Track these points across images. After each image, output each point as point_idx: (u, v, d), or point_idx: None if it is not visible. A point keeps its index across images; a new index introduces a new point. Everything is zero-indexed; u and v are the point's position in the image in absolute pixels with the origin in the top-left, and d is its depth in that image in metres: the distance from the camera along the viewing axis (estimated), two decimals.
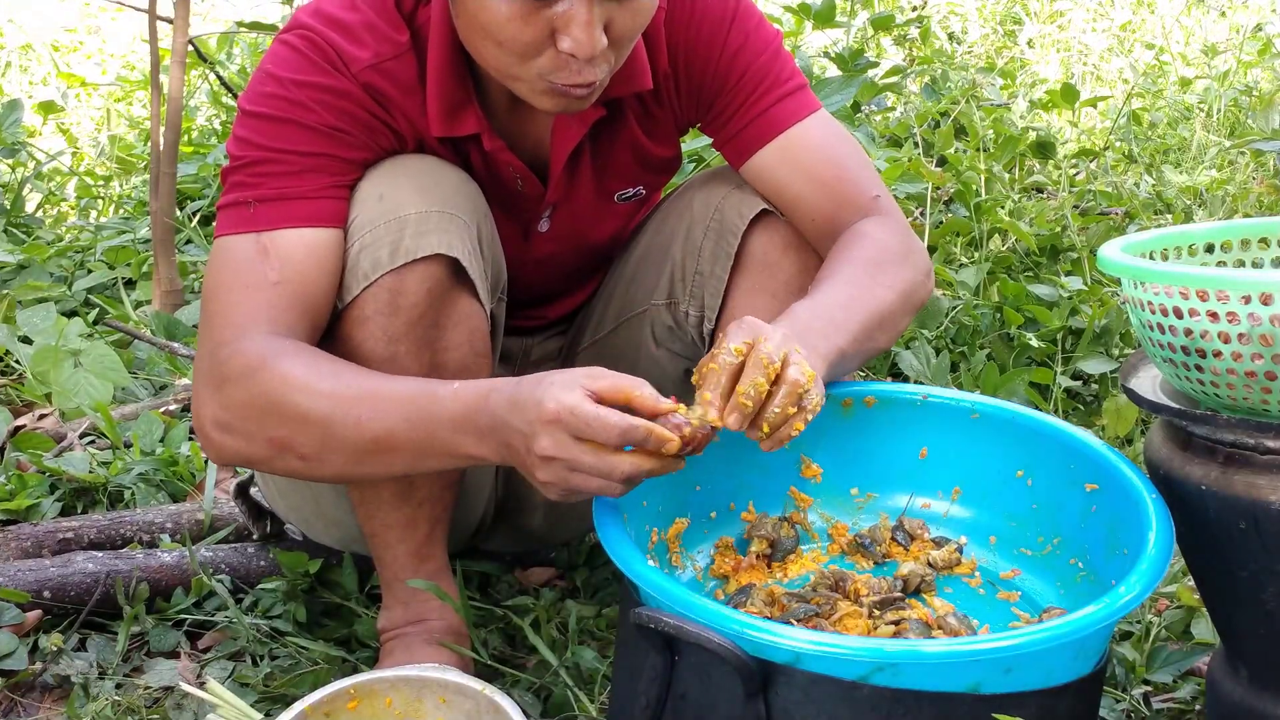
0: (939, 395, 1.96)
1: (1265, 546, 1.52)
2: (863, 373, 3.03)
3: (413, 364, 1.82)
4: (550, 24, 1.70)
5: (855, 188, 2.00)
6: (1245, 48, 6.83)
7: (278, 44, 1.86)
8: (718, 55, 1.98)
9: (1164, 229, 1.83)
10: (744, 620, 1.44)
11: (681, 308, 2.12)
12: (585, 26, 1.69)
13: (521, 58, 1.74)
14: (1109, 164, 4.81)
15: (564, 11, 1.69)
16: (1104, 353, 3.12)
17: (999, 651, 1.43)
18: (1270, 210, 4.20)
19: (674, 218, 2.13)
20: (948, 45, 6.47)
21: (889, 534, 1.94)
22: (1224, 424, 1.54)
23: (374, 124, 1.85)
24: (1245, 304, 1.46)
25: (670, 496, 1.84)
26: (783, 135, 1.99)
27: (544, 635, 2.10)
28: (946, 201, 3.78)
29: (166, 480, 2.70)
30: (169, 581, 2.26)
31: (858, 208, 1.98)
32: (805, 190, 1.99)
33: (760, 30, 2.00)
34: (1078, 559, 1.81)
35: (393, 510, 1.94)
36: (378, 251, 1.79)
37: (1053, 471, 1.85)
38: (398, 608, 2.01)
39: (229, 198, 1.82)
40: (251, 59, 5.35)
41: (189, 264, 3.88)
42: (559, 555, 2.41)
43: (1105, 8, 7.75)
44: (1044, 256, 3.66)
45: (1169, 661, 2.00)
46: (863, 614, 1.73)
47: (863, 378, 2.94)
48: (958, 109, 4.42)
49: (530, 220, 2.07)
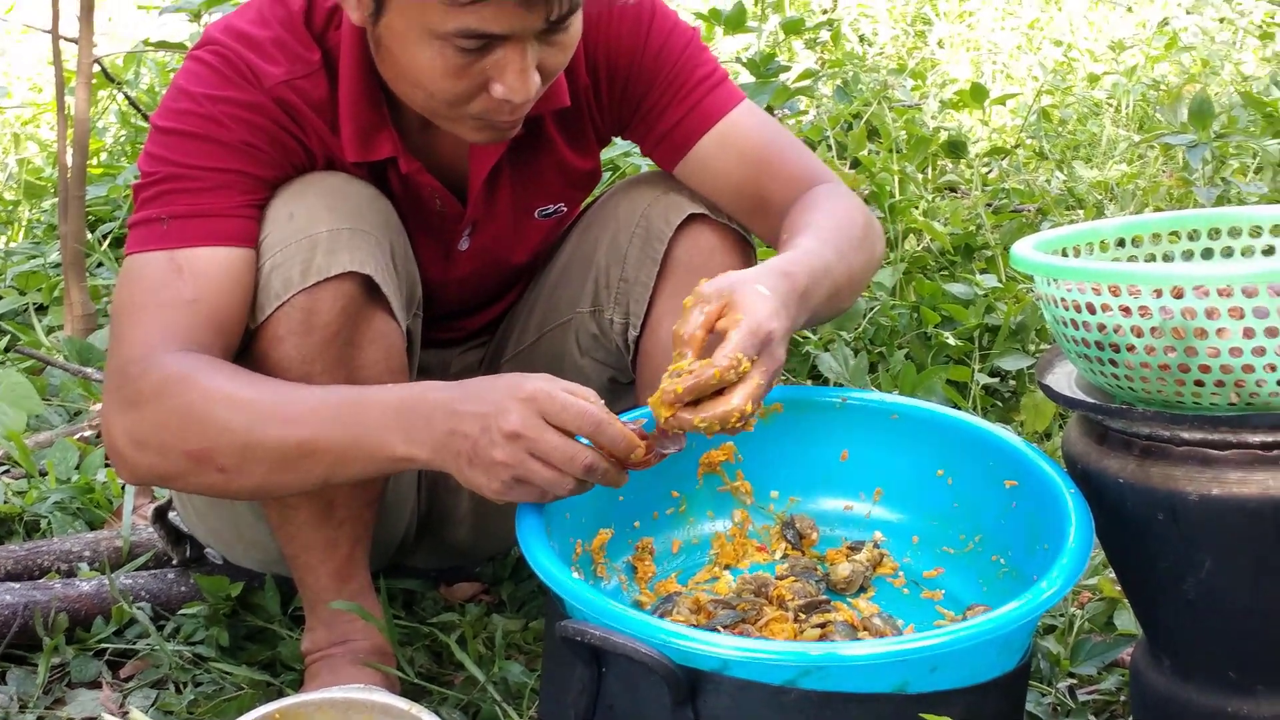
0: (858, 397, 1.97)
1: (1183, 537, 1.54)
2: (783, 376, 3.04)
3: (327, 383, 1.80)
4: (484, 74, 1.71)
5: (797, 166, 2.01)
6: (1152, 43, 6.91)
7: (190, 60, 1.85)
8: (640, 57, 1.98)
9: (1075, 225, 1.84)
10: (670, 629, 1.45)
11: (606, 315, 2.11)
12: (520, 74, 1.70)
13: (452, 105, 1.74)
14: (1020, 161, 4.84)
15: (498, 60, 1.69)
16: (1020, 349, 3.14)
17: (924, 651, 1.44)
18: (1180, 203, 4.25)
19: (598, 225, 2.13)
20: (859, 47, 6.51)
21: (780, 534, 1.95)
22: (1139, 417, 1.56)
23: (286, 140, 1.84)
24: (1157, 297, 1.48)
25: (593, 508, 1.83)
26: (718, 125, 2.00)
27: (470, 651, 2.09)
28: None
29: (83, 508, 2.66)
30: (89, 611, 2.22)
31: (800, 182, 1.99)
32: (747, 175, 1.99)
33: (678, 28, 2.01)
34: (999, 555, 1.82)
35: (313, 531, 1.92)
36: (289, 270, 1.78)
37: (973, 470, 1.86)
38: (321, 629, 1.99)
39: (141, 215, 1.80)
40: (160, 78, 5.29)
41: (101, 287, 3.83)
42: (484, 570, 2.40)
43: (1013, 6, 7.82)
44: (959, 255, 3.68)
45: (1093, 654, 2.02)
46: (788, 618, 1.74)
47: (783, 381, 2.94)
48: (870, 111, 4.44)
49: (451, 239, 2.06)
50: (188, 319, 1.75)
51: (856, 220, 1.92)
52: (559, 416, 1.54)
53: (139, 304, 1.77)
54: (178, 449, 1.70)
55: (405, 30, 1.69)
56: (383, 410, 1.64)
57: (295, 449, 1.66)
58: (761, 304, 1.60)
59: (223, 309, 1.77)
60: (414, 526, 2.18)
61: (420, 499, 2.17)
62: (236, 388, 1.69)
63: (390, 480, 2.03)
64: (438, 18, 1.65)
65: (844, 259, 1.83)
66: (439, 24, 1.65)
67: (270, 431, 1.66)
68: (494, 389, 1.58)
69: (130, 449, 1.73)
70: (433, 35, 1.67)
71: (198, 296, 1.75)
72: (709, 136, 2.00)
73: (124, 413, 1.72)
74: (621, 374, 2.17)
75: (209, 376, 1.70)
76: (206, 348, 1.75)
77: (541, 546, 1.59)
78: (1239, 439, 1.50)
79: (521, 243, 2.13)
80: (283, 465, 1.68)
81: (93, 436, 3.00)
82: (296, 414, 1.66)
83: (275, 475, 1.70)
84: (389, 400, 1.65)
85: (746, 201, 2.01)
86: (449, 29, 1.65)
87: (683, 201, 2.03)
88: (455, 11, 1.63)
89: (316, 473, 1.69)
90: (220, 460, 1.69)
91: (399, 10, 1.69)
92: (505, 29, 1.66)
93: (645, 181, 2.10)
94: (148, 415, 1.70)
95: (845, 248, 1.85)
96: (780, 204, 1.97)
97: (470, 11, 1.63)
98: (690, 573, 1.93)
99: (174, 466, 1.72)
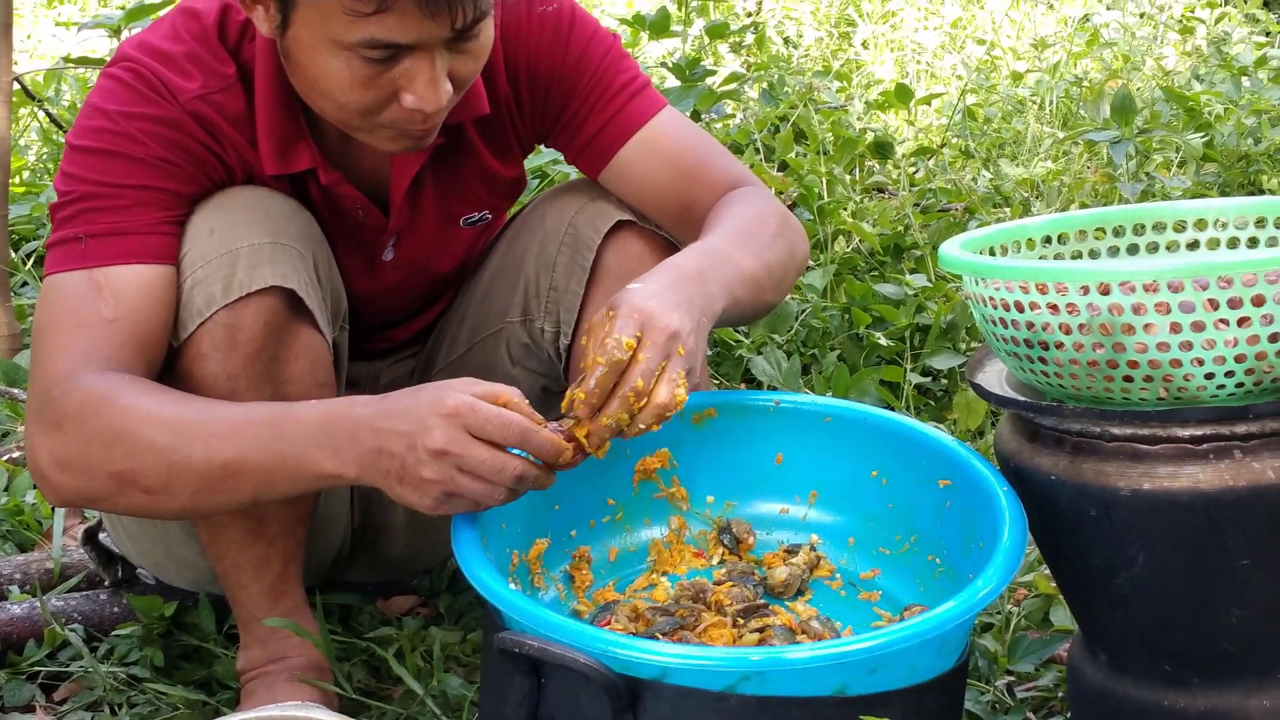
0: (791, 400, 1.97)
1: (1116, 533, 1.55)
2: (716, 380, 3.04)
3: (254, 399, 1.78)
4: (393, 83, 1.70)
5: (719, 171, 2.02)
6: (1074, 39, 6.97)
7: (103, 78, 1.83)
8: (560, 64, 1.98)
9: (1002, 223, 1.85)
10: (608, 638, 1.44)
11: (537, 324, 2.11)
12: (430, 83, 1.69)
13: (363, 115, 1.74)
14: (947, 161, 4.87)
15: (406, 70, 1.68)
16: (952, 348, 3.16)
17: (863, 653, 1.44)
18: (1105, 199, 4.28)
19: (526, 234, 2.12)
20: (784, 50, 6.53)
21: (717, 539, 1.95)
22: (1070, 414, 1.56)
23: (203, 155, 1.82)
24: (1084, 294, 1.49)
25: (529, 518, 1.82)
26: (640, 131, 2.00)
27: (408, 665, 2.07)
28: (790, 206, 3.81)
29: (13, 530, 2.63)
30: (20, 634, 2.19)
31: (724, 188, 2.00)
32: (672, 181, 2.00)
33: (599, 35, 2.00)
34: (935, 555, 1.82)
35: (244, 549, 1.91)
36: (211, 287, 1.76)
37: (906, 470, 1.87)
38: (256, 647, 1.97)
39: (59, 234, 1.78)
40: (80, 95, 5.24)
41: (26, 307, 3.78)
42: (420, 583, 2.39)
43: (936, 6, 7.88)
44: (888, 256, 3.70)
45: (1030, 651, 2.03)
46: (727, 624, 1.73)
47: (716, 386, 2.94)
48: (796, 113, 4.46)
49: (375, 250, 2.04)
50: (109, 338, 1.73)
51: (768, 219, 1.92)
52: (484, 429, 1.53)
53: (59, 324, 1.75)
54: (102, 470, 1.68)
55: (312, 42, 1.68)
56: (306, 428, 1.62)
57: (221, 468, 1.64)
58: (633, 294, 1.63)
59: (144, 327, 1.75)
60: (348, 541, 2.17)
61: (354, 513, 2.16)
62: (159, 406, 1.67)
63: (323, 495, 2.01)
64: (342, 29, 1.64)
65: (754, 247, 1.84)
66: (343, 35, 1.64)
67: (195, 451, 1.64)
68: (416, 405, 1.56)
69: (54, 471, 1.71)
70: (339, 46, 1.66)
71: (118, 315, 1.74)
72: (631, 144, 2.00)
73: (47, 435, 1.70)
74: (554, 382, 2.16)
75: (130, 396, 1.68)
76: (129, 367, 1.73)
77: (477, 558, 1.58)
78: (1168, 433, 1.51)
79: (447, 251, 2.12)
80: (209, 485, 1.66)
81: (20, 458, 2.96)
82: (220, 432, 1.65)
83: (202, 495, 1.68)
84: (312, 417, 1.63)
85: (671, 208, 2.01)
86: (354, 39, 1.64)
87: (610, 209, 2.03)
88: (359, 22, 1.62)
89: (244, 491, 1.67)
90: (145, 481, 1.67)
91: (304, 22, 1.67)
92: (411, 38, 1.65)
93: (572, 189, 2.10)
94: (70, 437, 1.68)
95: (757, 239, 1.86)
96: (704, 209, 1.97)
97: (373, 21, 1.62)
98: (628, 580, 1.92)
99: (99, 488, 1.70)
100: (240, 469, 1.64)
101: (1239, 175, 4.56)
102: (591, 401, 1.58)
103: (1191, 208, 1.84)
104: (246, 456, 1.64)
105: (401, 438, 1.55)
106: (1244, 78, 5.49)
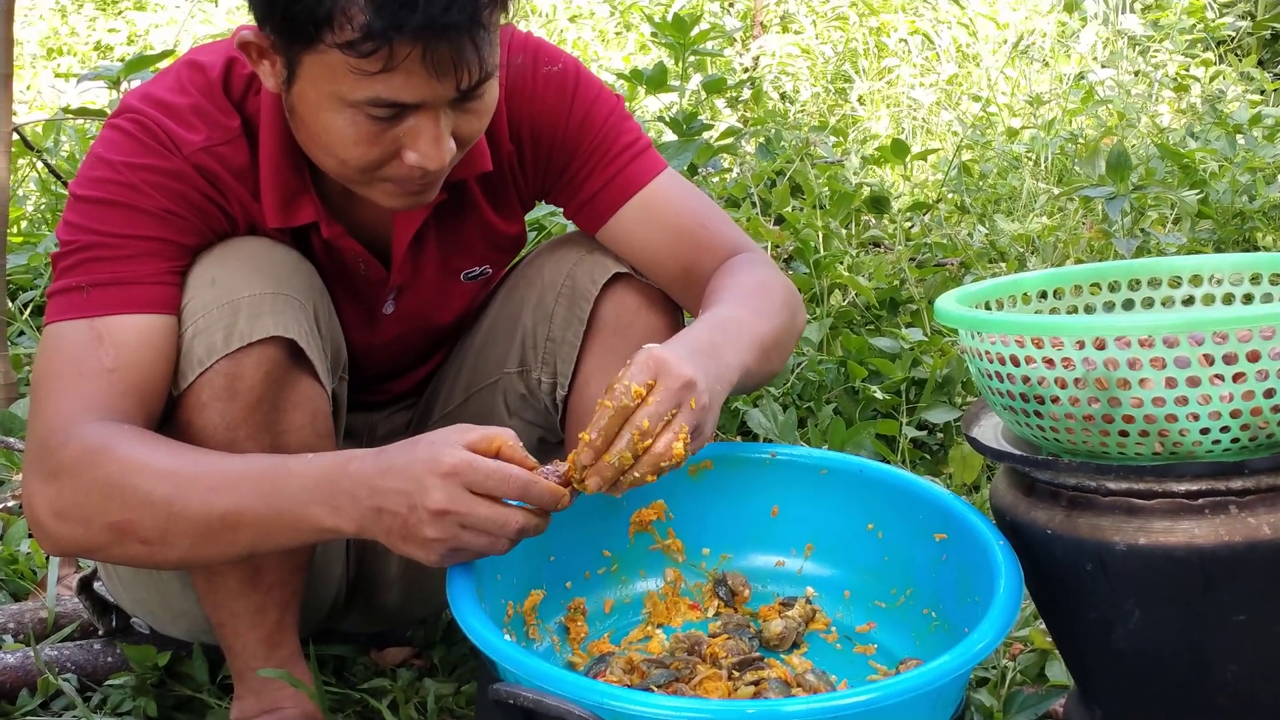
0: (787, 453, 1.97)
1: (1112, 587, 1.55)
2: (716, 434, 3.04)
3: (253, 449, 1.78)
4: (397, 141, 1.71)
5: (718, 236, 2.02)
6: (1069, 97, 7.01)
7: (107, 129, 1.83)
8: (564, 125, 1.99)
9: (998, 278, 1.86)
10: (604, 690, 1.44)
11: (534, 375, 2.11)
12: (434, 142, 1.70)
13: (364, 171, 1.74)
14: (942, 216, 4.89)
15: (410, 128, 1.69)
16: (947, 402, 3.17)
17: (858, 706, 1.43)
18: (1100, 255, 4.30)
19: (524, 286, 2.12)
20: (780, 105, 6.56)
21: (713, 591, 1.95)
22: (1065, 468, 1.57)
23: (207, 206, 1.83)
24: (1079, 349, 1.49)
25: (524, 569, 1.82)
26: (639, 194, 2.01)
27: (402, 716, 2.07)
28: (786, 259, 3.83)
29: (7, 579, 2.62)
30: (13, 683, 2.19)
31: (723, 253, 2.00)
32: (668, 245, 2.00)
33: (602, 96, 2.01)
34: (931, 609, 1.82)
35: (240, 598, 1.90)
36: (212, 337, 1.76)
37: (902, 523, 1.87)
38: (250, 697, 1.97)
39: (60, 283, 1.78)
40: (80, 145, 5.26)
41: (23, 356, 3.79)
42: (415, 633, 2.38)
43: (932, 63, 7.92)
44: (884, 310, 3.71)
45: (1025, 706, 2.02)
46: (722, 676, 1.73)
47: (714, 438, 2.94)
48: (793, 168, 4.48)
49: (375, 303, 2.05)
50: (108, 388, 1.73)
51: (772, 288, 1.93)
52: (484, 485, 1.54)
53: (59, 374, 1.75)
54: (99, 521, 1.68)
55: (317, 98, 1.69)
56: (303, 483, 1.62)
57: (219, 520, 1.64)
58: (652, 347, 1.63)
59: (144, 377, 1.75)
60: (344, 591, 2.16)
61: (349, 563, 2.15)
62: (157, 457, 1.67)
63: (318, 545, 2.01)
64: (347, 87, 1.65)
65: (761, 317, 1.85)
66: (349, 93, 1.65)
67: (192, 503, 1.64)
68: (414, 463, 1.56)
69: (52, 521, 1.71)
70: (344, 103, 1.67)
71: (118, 365, 1.74)
72: (630, 205, 2.01)
73: (45, 484, 1.70)
74: (550, 433, 2.16)
75: (128, 446, 1.67)
76: (128, 416, 1.73)
77: (473, 609, 1.58)
78: (1164, 488, 1.52)
79: (447, 305, 2.13)
80: (207, 537, 1.66)
81: (15, 506, 2.96)
82: (218, 485, 1.64)
83: (200, 547, 1.68)
84: (309, 474, 1.63)
85: (670, 271, 2.02)
86: (359, 98, 1.65)
87: (608, 261, 2.03)
88: (365, 80, 1.63)
89: (241, 543, 1.67)
90: (143, 532, 1.67)
91: (310, 79, 1.68)
92: (416, 98, 1.66)
93: (570, 242, 2.11)
94: (68, 487, 1.68)
95: (762, 309, 1.86)
96: (704, 274, 1.98)
97: (380, 80, 1.63)
98: (623, 632, 1.92)
99: (96, 539, 1.70)
100: (238, 521, 1.64)
101: (1234, 232, 4.59)
102: (595, 444, 1.58)
103: (1186, 263, 1.85)
104: (244, 509, 1.63)
105: (402, 497, 1.55)
106: (1238, 135, 5.52)
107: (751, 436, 3.04)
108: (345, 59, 1.62)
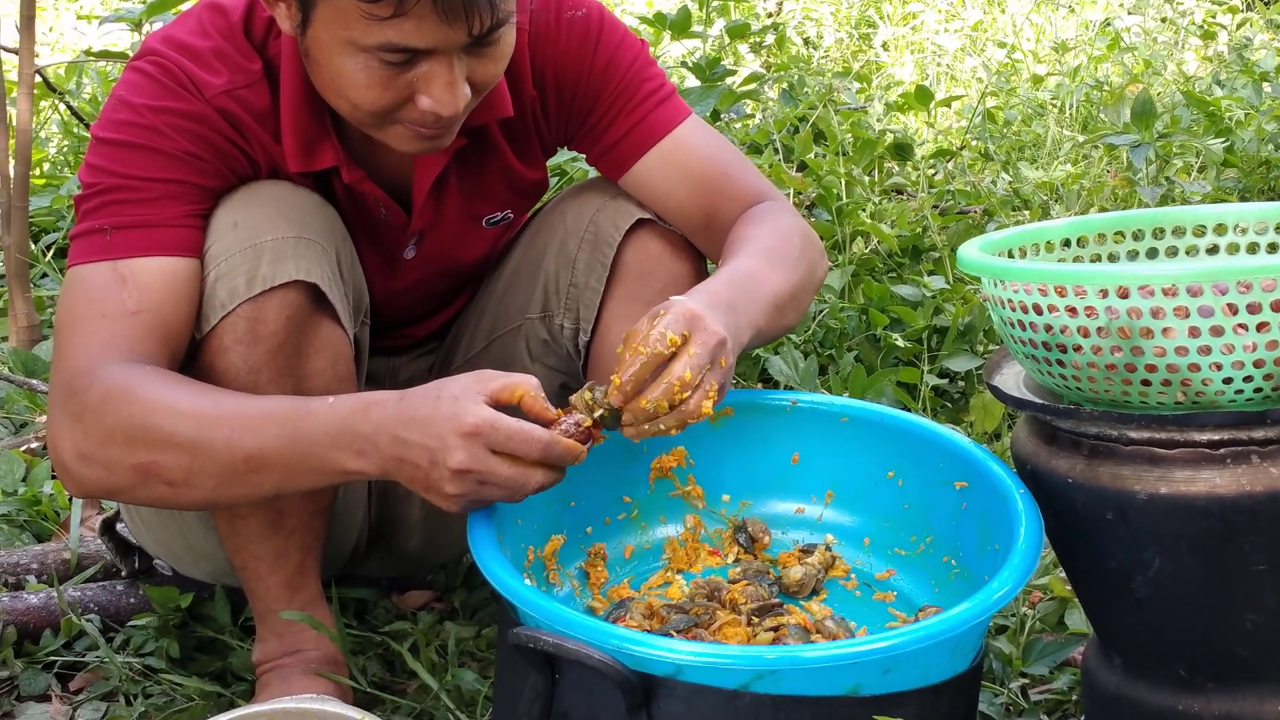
0: (808, 400, 1.97)
1: (1132, 536, 1.55)
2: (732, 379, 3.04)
3: (275, 392, 1.79)
4: (410, 85, 1.70)
5: (741, 184, 2.02)
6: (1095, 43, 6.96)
7: (129, 71, 1.83)
8: (587, 70, 1.98)
9: (1021, 226, 1.85)
10: (623, 634, 1.44)
11: (556, 321, 2.11)
12: (447, 88, 1.70)
13: (378, 116, 1.74)
14: (966, 163, 4.86)
15: (424, 73, 1.69)
16: (969, 350, 3.16)
17: (877, 653, 1.44)
18: (1124, 203, 4.28)
19: (546, 231, 2.12)
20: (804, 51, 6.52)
21: (732, 538, 1.95)
22: (1087, 417, 1.56)
23: (229, 149, 1.83)
24: (1103, 298, 1.48)
25: (545, 514, 1.83)
26: (662, 141, 2.00)
27: (423, 659, 2.08)
28: (809, 206, 3.81)
29: (30, 520, 2.64)
30: (37, 623, 2.20)
31: (746, 200, 2.00)
32: (691, 192, 2.00)
33: (626, 41, 2.00)
34: (951, 557, 1.82)
35: (262, 541, 1.91)
36: (234, 280, 1.77)
37: (923, 471, 1.87)
38: (272, 639, 1.98)
39: (83, 226, 1.78)
40: (102, 88, 5.25)
41: (45, 298, 3.80)
42: (436, 577, 2.39)
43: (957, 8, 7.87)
44: (906, 257, 3.70)
45: (1044, 654, 2.03)
46: (741, 622, 1.74)
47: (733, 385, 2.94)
48: (816, 114, 4.45)
49: (396, 248, 2.05)
50: (132, 330, 1.73)
51: (792, 238, 1.93)
52: (505, 445, 1.55)
53: (83, 316, 1.75)
54: (124, 463, 1.68)
55: (330, 43, 1.69)
56: (325, 427, 1.63)
57: (242, 463, 1.65)
58: (682, 299, 1.65)
59: (167, 319, 1.76)
60: (365, 535, 2.17)
61: (371, 508, 2.16)
62: (180, 398, 1.68)
63: (341, 489, 2.02)
64: (359, 31, 1.64)
65: (779, 273, 1.85)
66: (361, 38, 1.65)
67: (216, 444, 1.65)
68: (437, 419, 1.56)
69: (76, 463, 1.71)
70: (356, 48, 1.67)
71: (141, 307, 1.74)
72: (653, 153, 2.00)
73: (69, 426, 1.71)
74: (572, 379, 2.16)
75: (152, 388, 1.68)
76: (151, 359, 1.73)
77: (493, 554, 1.58)
78: (1186, 438, 1.51)
79: (468, 250, 2.13)
80: (231, 478, 1.67)
81: (39, 448, 2.97)
82: (242, 425, 1.65)
83: (224, 488, 1.69)
84: (332, 417, 1.63)
85: (693, 218, 2.01)
86: (371, 43, 1.65)
87: (631, 207, 2.03)
88: (376, 26, 1.63)
89: (266, 485, 1.68)
90: (167, 474, 1.67)
91: (323, 23, 1.68)
92: (428, 43, 1.66)
93: (593, 187, 2.10)
94: (92, 428, 1.69)
95: (780, 262, 1.86)
96: (725, 221, 1.98)
97: (391, 26, 1.62)
98: (643, 578, 1.92)
99: (121, 480, 1.71)
100: (262, 464, 1.65)
101: (1259, 181, 4.55)
102: (626, 389, 1.59)
103: (1211, 212, 1.84)
104: (268, 451, 1.64)
105: (424, 452, 1.57)
106: (1265, 83, 5.47)
107: (772, 384, 3.04)
108: (356, 3, 1.62)
